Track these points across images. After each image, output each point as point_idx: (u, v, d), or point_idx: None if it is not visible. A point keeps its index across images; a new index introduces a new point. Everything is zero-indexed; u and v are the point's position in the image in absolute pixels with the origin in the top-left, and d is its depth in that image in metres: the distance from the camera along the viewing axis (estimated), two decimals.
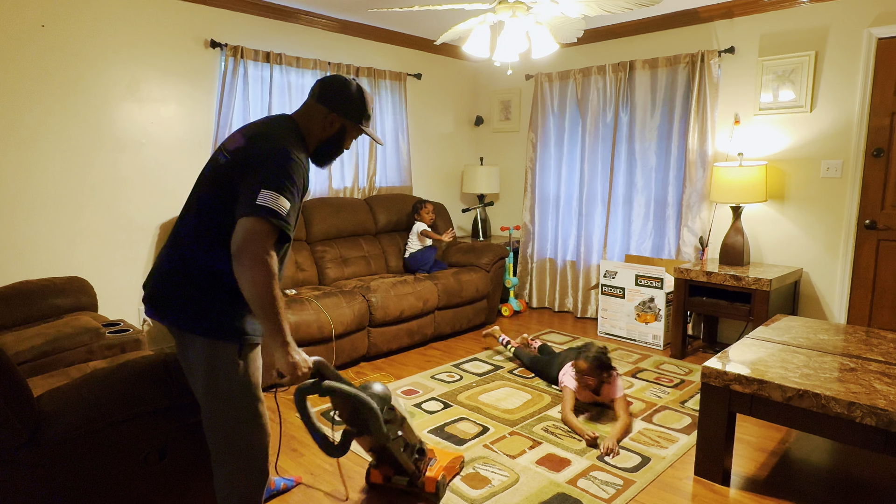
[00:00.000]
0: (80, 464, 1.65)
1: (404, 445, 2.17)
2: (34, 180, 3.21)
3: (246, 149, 1.61)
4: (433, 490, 2.25)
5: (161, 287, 1.64)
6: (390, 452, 2.12)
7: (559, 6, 2.71)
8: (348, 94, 1.75)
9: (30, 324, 2.73)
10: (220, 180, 1.62)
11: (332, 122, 1.75)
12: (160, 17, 3.59)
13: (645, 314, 4.18)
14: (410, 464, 2.21)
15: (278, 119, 1.75)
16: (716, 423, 2.35)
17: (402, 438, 2.14)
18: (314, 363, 1.71)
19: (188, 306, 1.60)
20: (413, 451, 2.22)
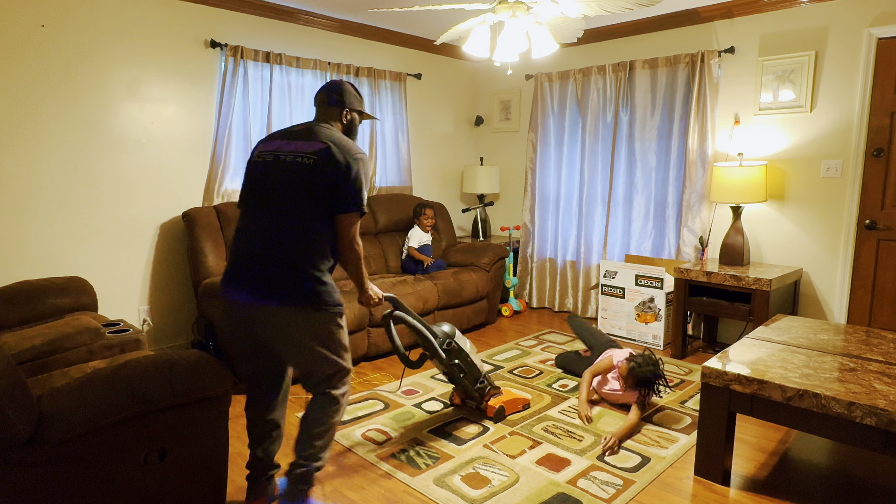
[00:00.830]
0: (81, 464, 1.65)
1: (465, 373, 2.81)
2: (34, 180, 3.21)
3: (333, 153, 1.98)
4: (492, 415, 2.88)
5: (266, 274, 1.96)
6: (454, 376, 2.81)
7: (559, 6, 2.71)
8: (349, 91, 2.21)
9: (30, 324, 2.73)
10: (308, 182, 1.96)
11: (346, 115, 2.19)
12: (160, 17, 3.59)
13: (645, 314, 4.18)
14: (472, 390, 2.85)
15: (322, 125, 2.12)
16: (716, 423, 2.35)
17: (461, 367, 2.79)
18: (385, 296, 2.42)
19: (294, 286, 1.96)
20: (476, 381, 2.85)
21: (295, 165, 1.98)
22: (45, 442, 1.56)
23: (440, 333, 2.77)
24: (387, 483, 2.37)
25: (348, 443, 2.70)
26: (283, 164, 2.00)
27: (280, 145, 2.05)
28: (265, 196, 2.01)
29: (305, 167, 1.97)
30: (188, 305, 3.90)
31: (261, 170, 2.05)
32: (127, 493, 1.76)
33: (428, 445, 2.67)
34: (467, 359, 2.81)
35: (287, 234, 1.96)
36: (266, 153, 2.07)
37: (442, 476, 2.40)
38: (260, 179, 2.04)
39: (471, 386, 2.85)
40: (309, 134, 2.04)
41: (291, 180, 1.97)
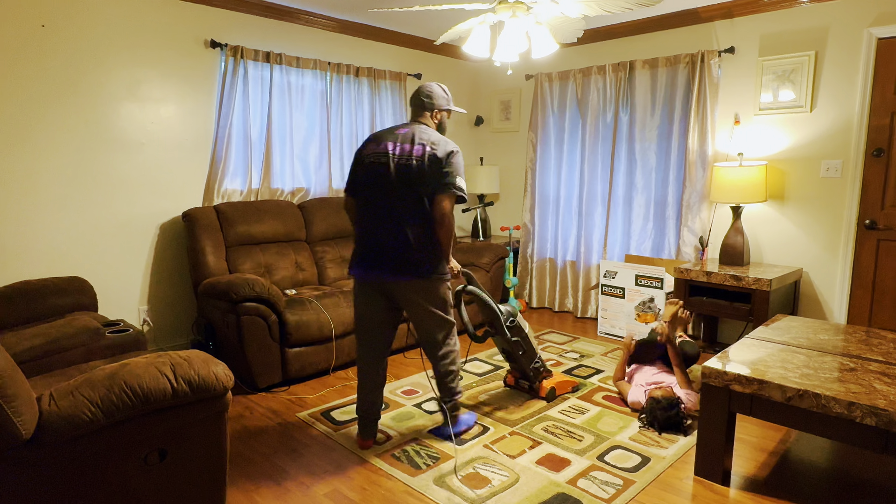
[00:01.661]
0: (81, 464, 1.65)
1: (523, 351, 3.06)
2: (34, 180, 3.21)
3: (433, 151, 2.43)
4: (544, 395, 3.12)
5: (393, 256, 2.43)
6: (512, 353, 3.06)
7: (559, 6, 2.71)
8: (437, 94, 2.63)
9: (30, 324, 2.73)
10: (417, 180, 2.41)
11: (436, 115, 2.65)
12: (160, 17, 3.59)
13: (645, 314, 4.18)
14: (528, 369, 3.10)
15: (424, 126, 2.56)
16: (716, 423, 2.35)
17: (521, 345, 3.04)
18: (461, 271, 2.83)
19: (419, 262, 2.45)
20: (532, 360, 3.10)
21: (405, 167, 2.43)
22: (46, 442, 1.56)
23: (505, 311, 3.02)
24: (387, 483, 2.37)
25: (348, 443, 2.70)
26: (395, 164, 2.45)
27: (390, 147, 2.48)
28: (384, 191, 2.45)
29: (413, 168, 2.43)
30: (188, 305, 3.90)
31: (376, 169, 2.48)
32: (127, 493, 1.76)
33: (428, 445, 2.67)
34: (527, 338, 3.07)
35: (404, 222, 2.42)
36: (379, 154, 2.49)
37: (442, 476, 2.40)
38: (377, 177, 2.47)
39: (527, 365, 3.10)
40: (412, 137, 2.49)
41: (404, 179, 2.43)
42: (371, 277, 2.50)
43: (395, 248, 2.43)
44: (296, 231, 4.07)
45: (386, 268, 2.45)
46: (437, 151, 2.43)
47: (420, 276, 2.45)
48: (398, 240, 2.43)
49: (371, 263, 2.48)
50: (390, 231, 2.44)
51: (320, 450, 2.64)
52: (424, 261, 2.45)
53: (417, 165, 2.42)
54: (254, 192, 4.08)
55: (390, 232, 2.44)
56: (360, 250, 2.53)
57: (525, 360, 3.08)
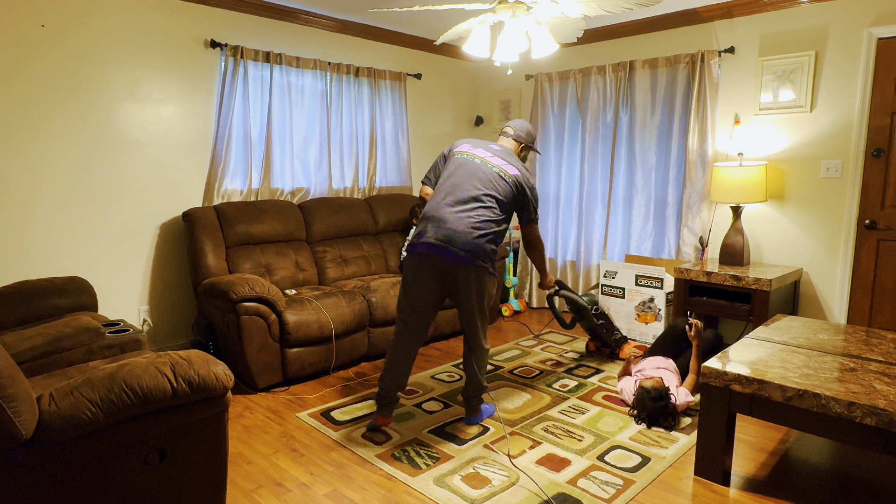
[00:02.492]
0: (81, 464, 1.65)
1: (606, 329, 3.79)
2: (34, 180, 3.21)
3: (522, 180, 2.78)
4: (625, 357, 3.76)
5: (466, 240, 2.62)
6: (598, 332, 3.79)
7: (559, 6, 2.71)
8: (529, 132, 3.00)
9: (30, 324, 2.73)
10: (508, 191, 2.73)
11: (523, 150, 3.01)
12: (160, 17, 3.59)
13: (645, 314, 4.18)
14: (611, 341, 3.82)
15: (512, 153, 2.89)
16: (716, 423, 2.35)
17: (605, 325, 3.77)
18: (556, 281, 3.45)
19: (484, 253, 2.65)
20: (612, 332, 3.82)
21: (497, 176, 2.74)
22: (46, 442, 1.56)
23: (589, 301, 3.69)
24: (387, 483, 2.37)
25: (348, 443, 2.70)
26: (489, 168, 2.74)
27: (485, 155, 2.80)
28: (470, 185, 2.70)
29: (505, 180, 2.74)
30: (188, 305, 3.90)
31: (468, 165, 2.75)
32: (127, 493, 1.76)
33: (428, 445, 2.67)
34: (609, 318, 3.81)
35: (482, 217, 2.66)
36: (474, 155, 2.79)
37: (442, 476, 2.40)
38: (467, 172, 2.74)
39: (609, 336, 3.80)
40: (507, 156, 2.82)
41: (494, 183, 2.72)
42: (437, 253, 2.62)
43: (467, 234, 2.61)
44: (296, 231, 4.07)
45: (453, 250, 2.60)
46: (525, 183, 2.78)
47: (481, 267, 2.64)
48: (472, 229, 2.62)
49: (440, 242, 2.61)
50: (466, 220, 2.63)
51: (320, 450, 2.64)
52: (488, 255, 2.66)
53: (510, 182, 2.74)
54: (254, 192, 4.08)
55: (466, 220, 2.63)
56: (430, 229, 2.66)
57: (608, 335, 3.79)
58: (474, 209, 2.66)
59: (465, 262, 2.60)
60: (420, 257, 2.67)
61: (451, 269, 2.64)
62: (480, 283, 2.67)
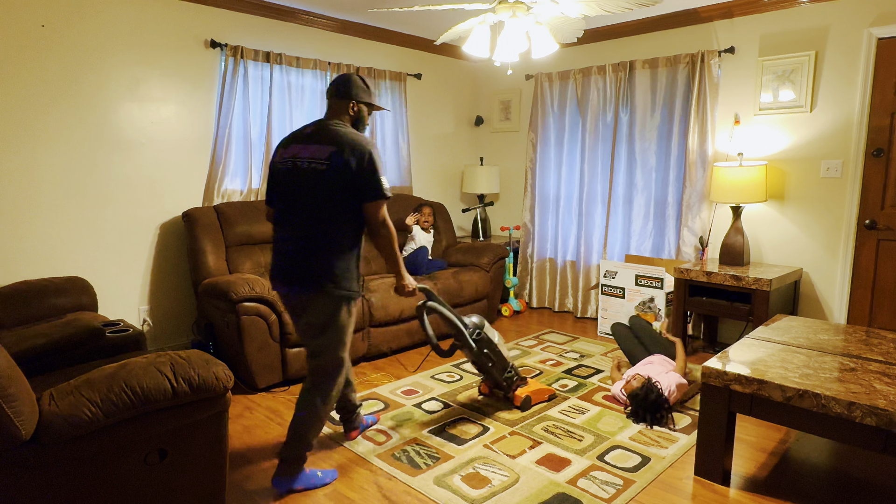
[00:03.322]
0: (81, 464, 1.65)
1: (493, 363, 2.95)
2: (34, 180, 3.21)
3: (342, 153, 2.17)
4: (519, 404, 3.01)
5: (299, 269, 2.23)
6: (482, 365, 2.95)
7: (559, 6, 2.71)
8: (356, 84, 2.35)
9: (30, 324, 2.73)
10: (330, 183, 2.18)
11: (353, 107, 2.34)
12: (160, 17, 3.59)
13: (645, 314, 4.18)
14: (500, 379, 2.99)
15: (330, 123, 2.29)
16: (716, 423, 2.35)
17: (490, 357, 2.93)
18: (420, 287, 2.59)
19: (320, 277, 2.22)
20: (504, 370, 2.99)
21: (312, 172, 2.20)
22: (46, 442, 1.56)
23: (470, 324, 2.93)
24: (387, 483, 2.37)
25: (348, 443, 2.70)
26: (301, 171, 2.22)
27: (297, 151, 2.26)
28: (291, 200, 2.26)
29: (321, 173, 2.18)
30: (188, 305, 3.90)
31: (283, 176, 2.29)
32: (127, 493, 1.76)
33: (428, 445, 2.67)
34: (496, 349, 2.97)
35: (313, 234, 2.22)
36: (287, 160, 2.28)
37: (442, 476, 2.40)
38: (284, 185, 2.28)
39: (499, 375, 3.00)
40: (320, 136, 2.24)
41: (311, 186, 2.20)
42: (283, 291, 2.30)
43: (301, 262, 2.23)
44: None
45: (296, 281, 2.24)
46: (349, 154, 2.17)
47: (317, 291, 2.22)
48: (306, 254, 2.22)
49: (282, 277, 2.28)
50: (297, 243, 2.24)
51: (320, 450, 2.64)
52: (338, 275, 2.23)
53: (327, 170, 2.17)
54: (254, 192, 4.08)
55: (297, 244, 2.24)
56: (273, 262, 2.34)
57: (496, 371, 2.98)
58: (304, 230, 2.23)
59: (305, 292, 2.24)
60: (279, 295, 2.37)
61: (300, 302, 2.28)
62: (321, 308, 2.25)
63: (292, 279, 2.25)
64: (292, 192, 2.26)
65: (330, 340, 2.28)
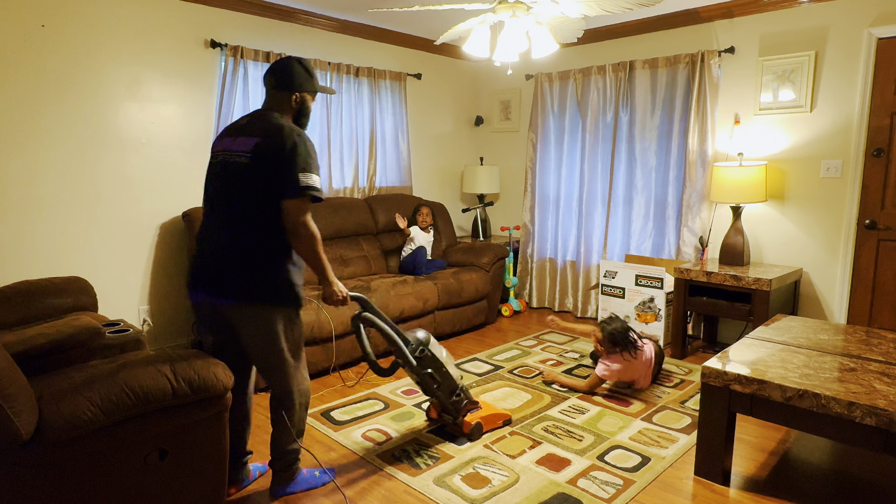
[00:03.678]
0: (81, 464, 1.65)
1: (438, 384, 2.63)
2: (34, 180, 3.21)
3: (265, 144, 1.95)
4: (468, 431, 2.68)
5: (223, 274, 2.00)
6: (427, 387, 2.64)
7: (559, 6, 2.71)
8: (297, 71, 2.11)
9: (30, 324, 2.72)
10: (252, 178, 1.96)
11: (296, 99, 2.12)
12: (160, 17, 3.59)
13: (645, 314, 4.18)
14: (448, 403, 2.68)
15: (265, 114, 2.08)
16: (716, 423, 2.35)
17: (434, 377, 2.60)
18: (352, 295, 2.29)
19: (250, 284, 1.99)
20: (451, 393, 2.68)
21: (235, 166, 2.00)
22: (46, 442, 1.56)
23: (413, 340, 2.56)
24: (387, 483, 2.37)
25: (348, 443, 2.70)
26: (226, 165, 2.03)
27: (226, 144, 2.07)
28: (215, 198, 2.08)
29: (243, 167, 1.98)
30: (188, 305, 3.89)
31: (211, 172, 2.11)
32: (127, 493, 1.76)
33: (428, 445, 2.67)
34: (441, 368, 2.62)
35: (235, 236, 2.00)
36: (218, 153, 2.09)
37: (442, 476, 2.40)
38: (211, 181, 2.11)
39: (446, 398, 2.68)
40: (251, 128, 2.03)
41: (233, 181, 2.01)
42: (198, 300, 2.10)
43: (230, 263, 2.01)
44: None
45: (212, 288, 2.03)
46: (270, 145, 1.95)
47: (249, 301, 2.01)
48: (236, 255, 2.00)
49: (197, 283, 2.08)
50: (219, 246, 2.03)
51: (320, 450, 2.64)
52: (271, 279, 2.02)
53: (248, 164, 1.96)
54: None
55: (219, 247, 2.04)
56: (194, 266, 2.12)
57: (442, 394, 2.66)
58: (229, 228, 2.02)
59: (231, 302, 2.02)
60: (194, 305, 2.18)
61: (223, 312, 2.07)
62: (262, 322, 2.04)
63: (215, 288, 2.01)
64: (216, 189, 2.06)
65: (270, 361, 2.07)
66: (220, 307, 2.04)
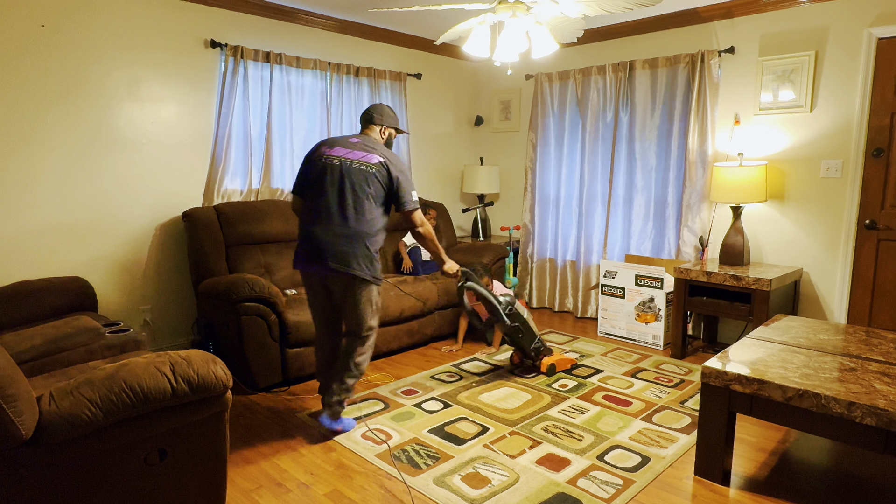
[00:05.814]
0: (81, 464, 1.65)
1: (523, 334, 3.42)
2: (34, 180, 3.21)
3: (389, 164, 2.70)
4: (545, 370, 3.47)
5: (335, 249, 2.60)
6: (513, 337, 3.42)
7: (559, 6, 2.71)
8: (387, 113, 2.90)
9: (30, 324, 2.73)
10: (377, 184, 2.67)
11: (384, 131, 2.89)
12: (160, 17, 3.59)
13: (645, 314, 4.18)
14: (529, 349, 3.47)
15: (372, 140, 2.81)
16: (716, 423, 2.35)
17: (520, 329, 3.40)
18: (461, 270, 3.24)
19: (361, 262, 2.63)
20: (532, 340, 3.46)
21: (360, 173, 2.66)
22: (46, 442, 1.56)
23: (504, 302, 3.38)
24: (387, 483, 2.37)
25: (348, 443, 2.70)
26: (349, 170, 2.65)
27: (342, 153, 2.69)
28: (332, 191, 2.63)
29: (370, 174, 2.66)
30: (188, 305, 3.90)
31: (328, 170, 2.67)
32: (127, 493, 1.76)
33: (428, 445, 2.67)
34: (525, 323, 3.42)
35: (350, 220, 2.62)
36: (332, 157, 2.69)
37: (442, 476, 2.40)
38: (328, 177, 2.66)
39: (528, 345, 3.45)
40: (367, 147, 2.73)
41: (357, 181, 2.64)
42: (313, 269, 2.67)
43: (336, 245, 2.60)
44: (295, 231, 4.07)
45: (328, 264, 2.60)
46: (393, 170, 2.70)
47: (356, 276, 2.63)
48: (341, 239, 2.61)
49: (314, 257, 2.63)
50: (335, 231, 2.61)
51: (320, 450, 2.64)
52: (362, 261, 2.63)
53: (375, 173, 2.67)
54: (254, 192, 4.08)
55: (335, 231, 2.61)
56: (303, 245, 2.68)
57: (525, 342, 3.44)
58: (342, 216, 2.62)
59: (339, 274, 2.62)
60: (303, 275, 2.77)
61: (330, 281, 2.69)
62: (356, 292, 2.66)
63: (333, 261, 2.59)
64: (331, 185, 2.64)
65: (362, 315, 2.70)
66: (332, 276, 2.64)
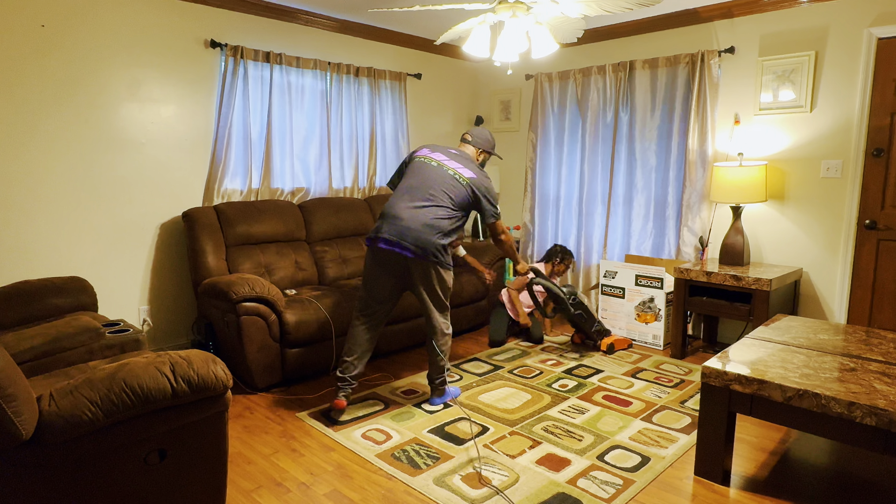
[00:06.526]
0: (81, 464, 1.65)
1: (585, 319, 3.92)
2: (34, 180, 3.21)
3: (479, 182, 3.03)
4: (604, 349, 3.97)
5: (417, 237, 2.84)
6: (577, 322, 3.93)
7: (559, 6, 2.71)
8: (486, 138, 3.28)
9: (30, 324, 2.73)
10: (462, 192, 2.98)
11: (480, 154, 3.27)
12: (160, 17, 3.59)
13: (645, 314, 4.18)
14: (591, 331, 3.97)
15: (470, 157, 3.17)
16: (716, 423, 2.35)
17: (583, 315, 3.91)
18: (531, 267, 3.83)
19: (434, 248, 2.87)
20: (592, 324, 3.96)
21: (454, 178, 2.99)
22: (46, 442, 1.56)
23: (568, 292, 3.87)
24: (387, 483, 2.37)
25: (348, 443, 2.70)
26: (443, 171, 2.99)
27: (441, 158, 3.05)
28: (426, 187, 2.94)
29: (459, 181, 2.99)
30: (188, 305, 3.90)
31: (426, 168, 3.01)
32: (127, 493, 1.76)
33: (428, 445, 2.67)
34: (587, 309, 3.93)
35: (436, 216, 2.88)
36: (431, 159, 3.04)
37: (442, 476, 2.41)
38: (424, 174, 2.98)
39: (589, 328, 3.95)
40: (464, 161, 3.07)
41: (448, 184, 2.96)
42: (391, 248, 2.86)
43: (417, 232, 2.84)
44: (295, 231, 4.07)
45: (405, 245, 2.83)
46: (483, 185, 3.03)
47: (431, 261, 2.87)
48: (423, 227, 2.85)
49: (393, 239, 2.85)
50: (418, 218, 2.86)
51: (320, 450, 2.65)
52: (438, 250, 2.87)
53: (466, 184, 2.99)
54: (254, 192, 4.08)
55: (418, 219, 2.86)
56: (385, 226, 2.89)
57: (588, 325, 3.93)
58: (427, 208, 2.88)
59: (415, 258, 2.85)
60: (376, 252, 2.92)
61: (405, 264, 2.89)
62: (432, 276, 2.90)
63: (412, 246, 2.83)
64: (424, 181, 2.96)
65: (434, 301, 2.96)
66: (409, 259, 2.87)
